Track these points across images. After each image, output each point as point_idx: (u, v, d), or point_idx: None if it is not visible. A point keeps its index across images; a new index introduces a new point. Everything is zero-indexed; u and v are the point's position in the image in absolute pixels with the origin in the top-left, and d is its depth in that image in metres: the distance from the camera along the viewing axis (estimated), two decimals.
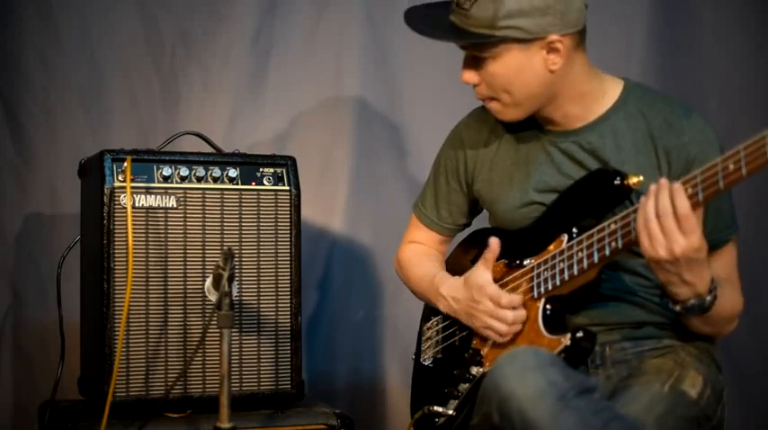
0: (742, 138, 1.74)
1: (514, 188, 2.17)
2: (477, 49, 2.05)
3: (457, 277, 2.18)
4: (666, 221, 1.80)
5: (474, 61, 2.08)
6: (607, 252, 1.92)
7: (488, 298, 2.05)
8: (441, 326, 2.28)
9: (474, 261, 2.19)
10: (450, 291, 2.17)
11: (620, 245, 1.90)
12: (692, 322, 1.99)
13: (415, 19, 2.11)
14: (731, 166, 1.74)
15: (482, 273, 2.08)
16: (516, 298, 2.04)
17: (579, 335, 1.94)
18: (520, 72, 2.04)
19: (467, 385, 2.11)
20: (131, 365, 2.27)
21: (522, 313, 2.04)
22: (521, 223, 2.15)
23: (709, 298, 1.89)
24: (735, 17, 3.23)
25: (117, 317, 2.24)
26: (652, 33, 3.23)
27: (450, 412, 2.13)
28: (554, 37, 2.01)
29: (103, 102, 2.95)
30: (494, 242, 2.08)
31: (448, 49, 2.13)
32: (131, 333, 2.27)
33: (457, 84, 2.92)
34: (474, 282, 2.09)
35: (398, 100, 3.16)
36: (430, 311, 2.35)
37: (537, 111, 2.11)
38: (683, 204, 1.79)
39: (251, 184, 2.38)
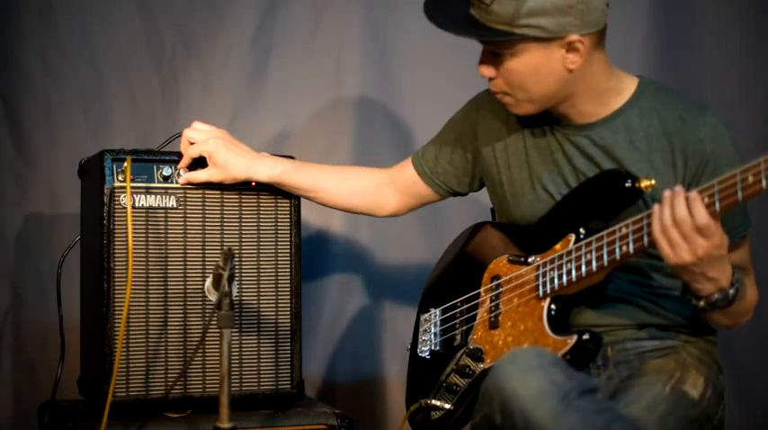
0: (741, 136, 1.74)
1: (524, 177, 2.16)
2: (496, 45, 2.03)
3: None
4: (685, 227, 1.80)
5: (492, 56, 2.06)
6: (617, 256, 1.91)
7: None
8: (439, 319, 2.27)
9: (478, 250, 2.19)
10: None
11: (631, 250, 1.89)
12: (713, 315, 1.98)
13: (435, 11, 2.09)
14: (750, 179, 1.73)
15: None
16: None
17: (586, 337, 1.94)
18: (538, 70, 2.02)
19: (466, 380, 2.11)
20: (131, 365, 2.26)
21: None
22: (525, 213, 2.15)
23: (732, 291, 1.89)
24: (735, 17, 3.23)
25: (117, 317, 2.24)
26: (652, 33, 3.23)
27: (448, 406, 2.12)
28: (574, 37, 1.99)
29: (103, 102, 2.95)
30: None
31: (448, 49, 2.13)
32: (131, 333, 2.27)
33: (457, 83, 2.92)
34: None
35: (398, 100, 3.16)
36: (427, 302, 2.34)
37: (552, 107, 2.10)
38: (702, 214, 1.79)
39: (251, 184, 2.37)
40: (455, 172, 2.33)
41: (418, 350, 2.33)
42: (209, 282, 2.19)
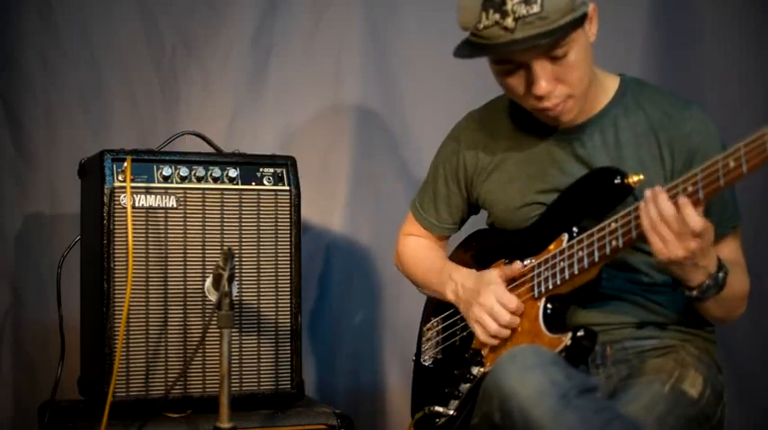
0: (741, 136, 1.74)
1: (515, 188, 2.16)
2: (560, 43, 1.93)
3: (472, 269, 2.18)
4: (674, 226, 1.80)
5: (550, 63, 1.96)
6: (607, 250, 1.92)
7: (493, 293, 2.06)
8: (441, 326, 2.28)
9: (474, 257, 2.19)
10: (462, 277, 2.17)
11: (620, 243, 1.90)
12: (707, 307, 1.98)
13: (481, 52, 1.97)
14: (732, 164, 1.74)
15: (497, 274, 2.09)
16: (519, 303, 2.04)
17: (580, 334, 1.94)
18: (587, 51, 2.00)
19: (467, 385, 2.11)
20: (131, 365, 2.27)
21: (516, 321, 2.04)
22: (519, 223, 2.15)
23: (720, 274, 1.89)
24: (735, 17, 3.23)
25: (117, 317, 2.24)
26: (652, 33, 3.23)
27: (451, 412, 2.13)
28: (592, 4, 1.98)
29: (103, 102, 2.95)
30: (516, 266, 2.07)
31: (448, 49, 2.12)
32: (131, 333, 2.27)
33: (457, 84, 2.93)
34: (486, 277, 2.10)
35: (398, 100, 3.16)
36: (430, 312, 2.35)
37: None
38: (696, 221, 1.78)
39: (251, 184, 2.38)
40: (458, 211, 2.33)
41: (422, 359, 2.33)
42: (209, 282, 2.19)
